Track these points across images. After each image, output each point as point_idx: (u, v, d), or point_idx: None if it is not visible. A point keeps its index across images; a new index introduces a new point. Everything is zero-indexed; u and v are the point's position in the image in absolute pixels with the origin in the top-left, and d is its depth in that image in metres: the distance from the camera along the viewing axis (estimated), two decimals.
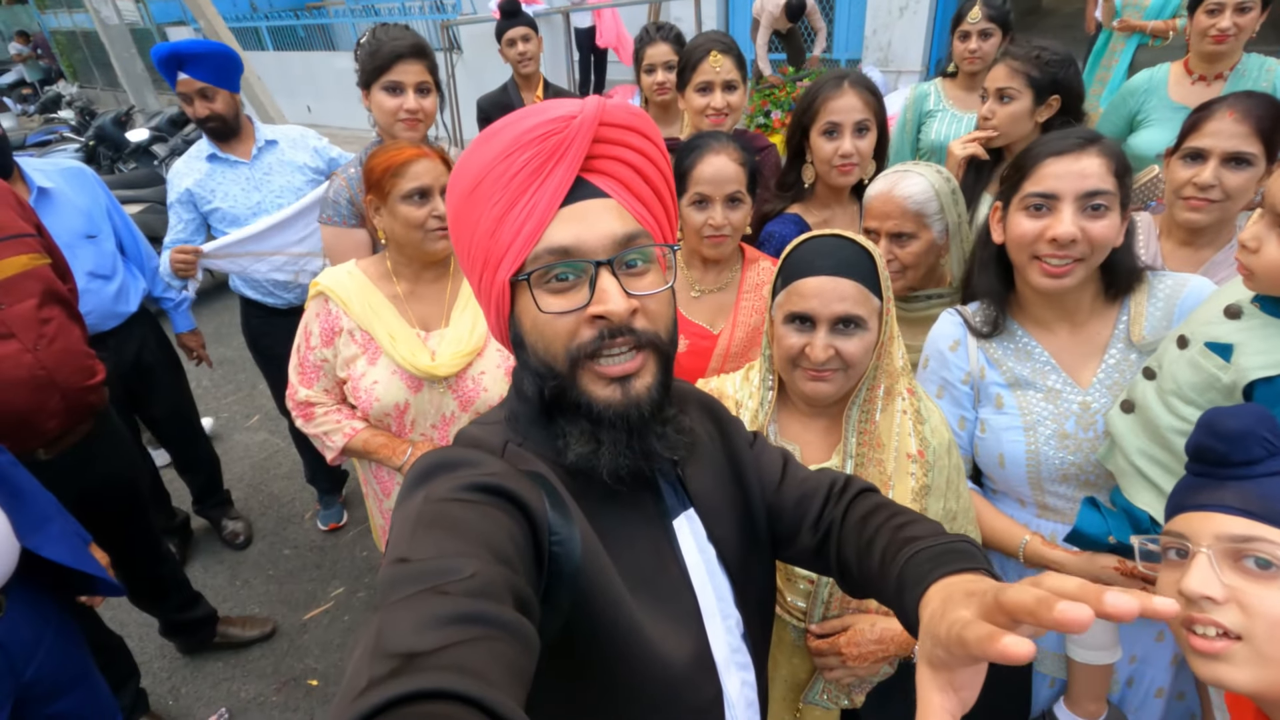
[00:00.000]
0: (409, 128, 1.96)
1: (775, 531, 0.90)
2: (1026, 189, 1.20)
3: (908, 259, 1.51)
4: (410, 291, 1.64)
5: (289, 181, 2.52)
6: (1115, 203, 1.16)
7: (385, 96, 1.94)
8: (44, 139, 7.11)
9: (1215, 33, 2.18)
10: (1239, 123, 1.41)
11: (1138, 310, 1.25)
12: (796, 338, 1.11)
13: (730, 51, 2.05)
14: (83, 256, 2.24)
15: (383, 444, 1.62)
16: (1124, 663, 1.36)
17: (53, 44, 14.17)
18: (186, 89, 2.33)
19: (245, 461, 3.60)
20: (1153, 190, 2.00)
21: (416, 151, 1.51)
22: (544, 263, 0.67)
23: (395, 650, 0.48)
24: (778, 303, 1.15)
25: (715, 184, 1.52)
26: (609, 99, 0.71)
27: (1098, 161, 1.15)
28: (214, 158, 2.45)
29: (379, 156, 1.53)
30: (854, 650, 1.12)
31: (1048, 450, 1.27)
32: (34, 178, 2.17)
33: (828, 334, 1.08)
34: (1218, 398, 1.08)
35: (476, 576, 0.54)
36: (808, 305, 1.09)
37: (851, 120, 1.68)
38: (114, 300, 2.35)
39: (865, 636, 1.12)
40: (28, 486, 1.54)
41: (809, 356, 1.10)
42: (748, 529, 0.87)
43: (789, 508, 0.88)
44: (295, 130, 2.65)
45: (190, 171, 2.44)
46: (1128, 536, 1.18)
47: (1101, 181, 1.14)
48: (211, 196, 2.43)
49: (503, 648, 0.51)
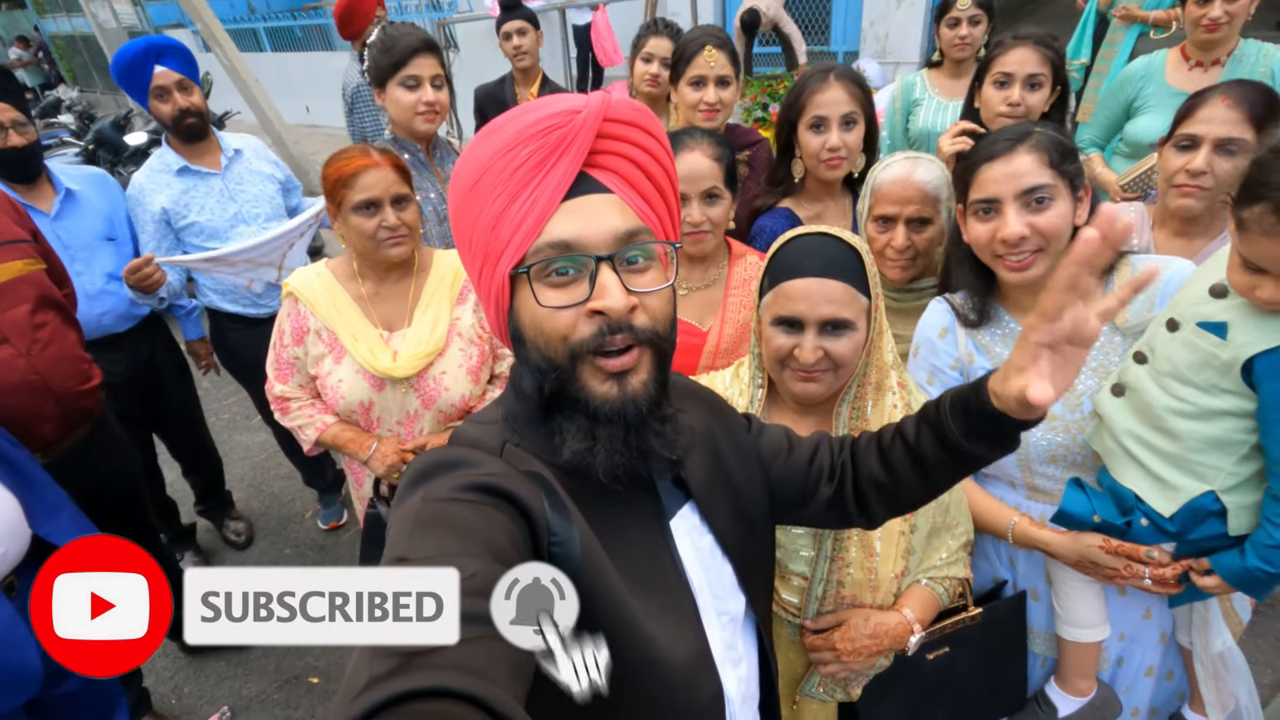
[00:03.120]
0: (427, 120, 2.02)
1: (788, 498, 0.91)
2: (972, 196, 1.25)
3: (923, 244, 1.51)
4: (375, 292, 1.67)
5: (262, 190, 2.49)
6: (1059, 191, 1.18)
7: (403, 92, 1.98)
8: (45, 143, 7.13)
9: (1207, 22, 2.17)
10: (1231, 109, 1.42)
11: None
12: (785, 339, 1.10)
13: (725, 47, 2.04)
14: (103, 258, 2.27)
15: (350, 439, 1.67)
16: (1114, 641, 1.38)
17: (52, 48, 14.20)
18: (165, 82, 2.26)
19: (246, 462, 3.62)
20: (1151, 179, 1.99)
21: (365, 161, 1.53)
22: (544, 256, 0.67)
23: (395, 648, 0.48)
24: (765, 304, 1.14)
25: (691, 181, 1.51)
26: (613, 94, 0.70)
27: (1029, 159, 1.17)
28: (186, 171, 2.36)
29: (331, 165, 1.56)
30: (848, 645, 1.13)
31: (1036, 432, 1.28)
32: (61, 180, 2.24)
33: (816, 336, 1.08)
34: (1214, 375, 1.11)
35: (477, 576, 0.54)
36: (795, 308, 1.08)
37: (838, 114, 1.67)
38: (129, 303, 2.35)
39: (859, 631, 1.13)
40: (40, 478, 1.58)
41: (797, 358, 1.09)
42: (749, 513, 0.88)
43: (801, 469, 0.91)
44: (251, 139, 2.61)
45: (160, 188, 2.33)
46: (1113, 515, 1.22)
47: (1037, 177, 1.17)
48: (187, 212, 2.35)
49: (503, 646, 0.51)
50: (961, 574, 1.23)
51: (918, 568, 1.21)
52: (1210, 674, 1.32)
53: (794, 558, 1.18)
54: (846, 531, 1.16)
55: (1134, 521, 1.21)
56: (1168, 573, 1.20)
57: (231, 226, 2.41)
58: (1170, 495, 1.17)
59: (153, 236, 2.37)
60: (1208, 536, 1.18)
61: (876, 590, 1.17)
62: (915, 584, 1.20)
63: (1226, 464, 1.13)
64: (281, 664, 2.47)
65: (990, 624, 1.30)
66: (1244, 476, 1.14)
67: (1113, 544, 1.22)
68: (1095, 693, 1.39)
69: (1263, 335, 1.06)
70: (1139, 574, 1.21)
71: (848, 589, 1.16)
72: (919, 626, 1.16)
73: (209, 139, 2.43)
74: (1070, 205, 1.19)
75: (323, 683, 2.40)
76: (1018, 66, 1.83)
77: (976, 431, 0.74)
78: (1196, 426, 1.14)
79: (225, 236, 2.40)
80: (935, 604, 1.20)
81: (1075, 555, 1.26)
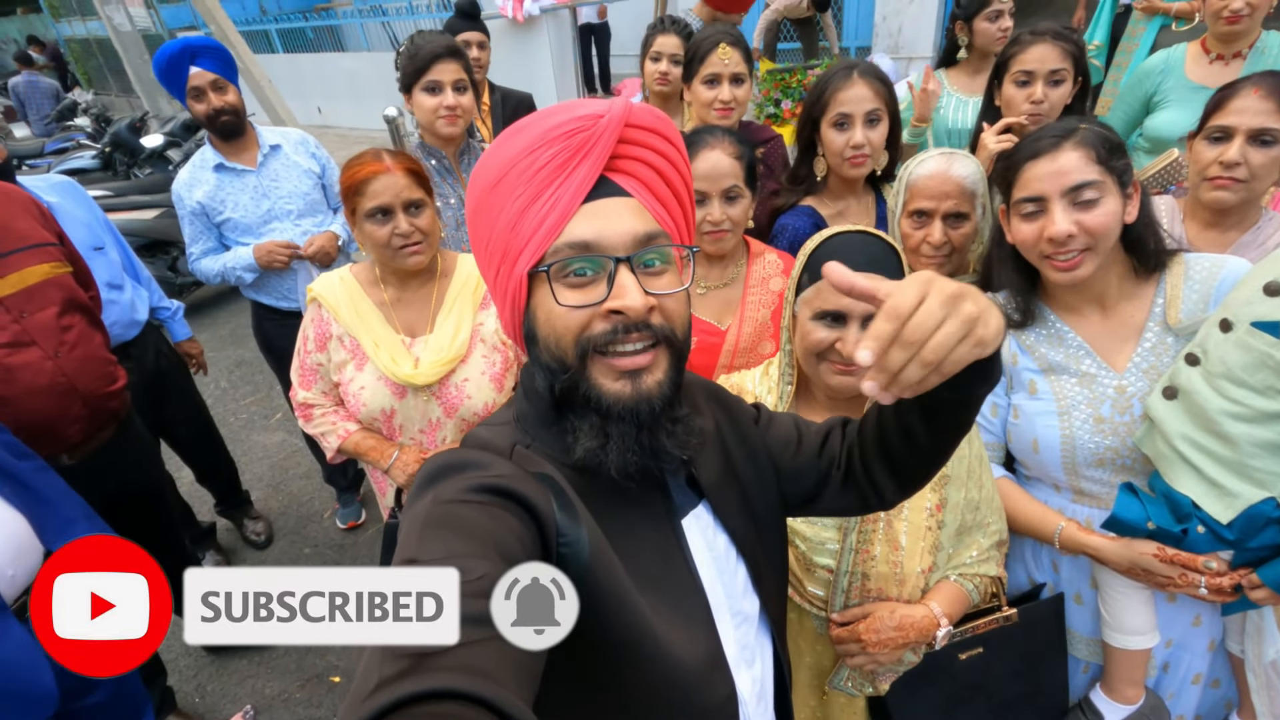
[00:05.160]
0: (449, 123, 2.08)
1: (801, 489, 0.91)
2: (1016, 195, 1.23)
3: (959, 240, 1.50)
4: (397, 298, 1.66)
5: (296, 186, 2.53)
6: (1107, 188, 1.16)
7: (426, 96, 2.05)
8: (61, 146, 7.22)
9: (1228, 14, 2.14)
10: (1265, 99, 1.39)
11: (1174, 293, 1.24)
12: (826, 333, 1.11)
13: (739, 44, 2.04)
14: (97, 269, 2.23)
15: (371, 447, 1.66)
16: (1160, 647, 1.35)
17: (67, 52, 14.34)
18: (200, 82, 2.32)
19: (265, 462, 3.65)
20: (1173, 174, 1.97)
21: (376, 167, 1.51)
22: (564, 256, 0.68)
23: (404, 650, 0.49)
24: (804, 298, 1.15)
25: (711, 179, 1.51)
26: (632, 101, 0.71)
27: (1075, 155, 1.15)
28: (221, 168, 2.43)
29: (345, 172, 1.55)
30: (874, 637, 1.13)
31: (1083, 435, 1.26)
32: (37, 195, 2.12)
33: (860, 329, 1.09)
34: (1270, 376, 1.08)
35: (485, 578, 0.54)
36: (840, 303, 1.09)
37: (862, 111, 1.66)
38: (130, 309, 2.36)
39: (885, 624, 1.14)
40: (54, 492, 1.56)
41: (840, 351, 1.10)
42: (760, 509, 0.88)
43: (812, 457, 0.90)
44: (295, 132, 2.66)
45: (198, 183, 2.42)
46: (1169, 522, 1.18)
47: (1083, 173, 1.15)
48: (222, 208, 2.44)
49: (511, 648, 0.52)
50: (994, 572, 1.23)
51: (947, 564, 1.21)
52: (1263, 683, 1.28)
53: (820, 550, 1.18)
54: (871, 524, 1.16)
55: (1190, 529, 1.17)
56: (1225, 582, 1.16)
57: (265, 223, 2.47)
58: (1228, 501, 1.14)
59: (191, 229, 2.46)
60: (1267, 545, 1.14)
61: (903, 584, 1.17)
62: (944, 580, 1.20)
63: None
64: (303, 662, 2.49)
65: (1027, 625, 1.28)
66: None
67: (1169, 553, 1.18)
68: (1144, 700, 1.36)
69: None
70: (1195, 583, 1.18)
71: (873, 582, 1.17)
72: (946, 620, 1.15)
73: (247, 135, 2.47)
74: (1119, 202, 1.17)
75: (344, 682, 2.41)
76: (1039, 64, 1.81)
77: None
78: (1252, 430, 1.10)
79: (258, 233, 2.47)
80: (964, 600, 1.20)
81: (1127, 562, 1.22)
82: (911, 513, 1.17)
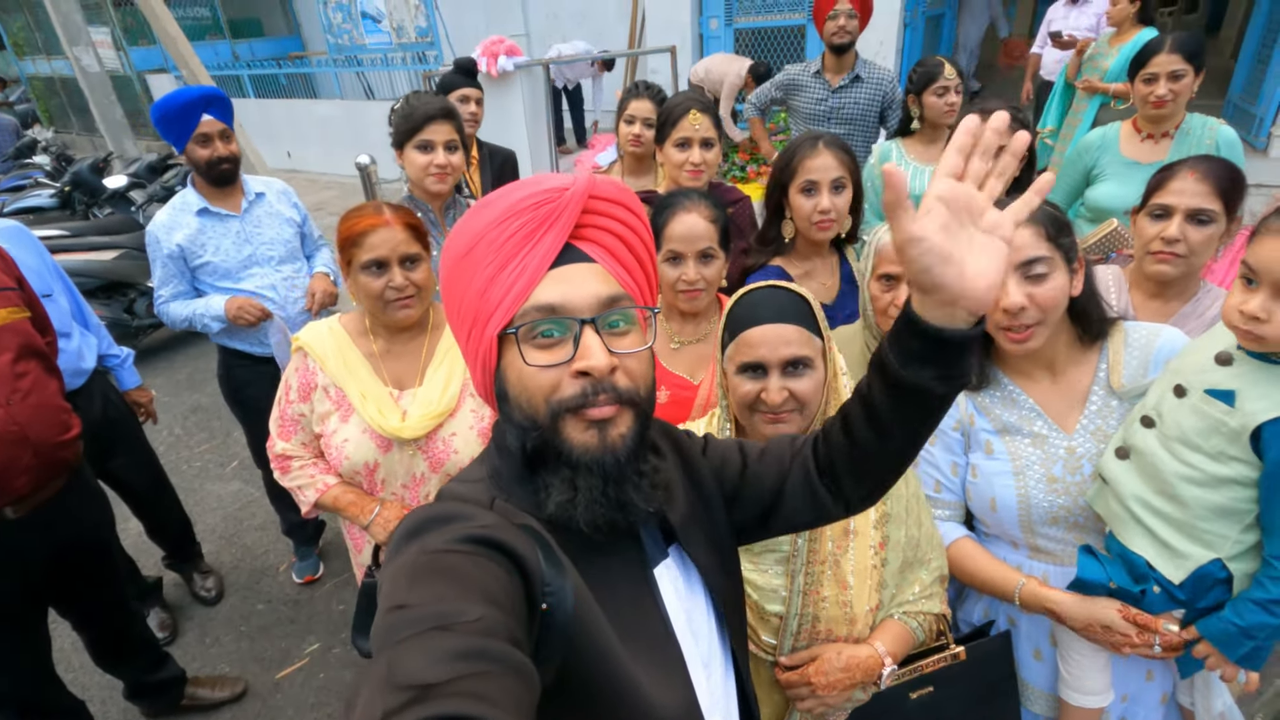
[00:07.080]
0: (439, 180, 2.17)
1: (755, 509, 0.91)
2: None
3: None
4: (386, 349, 1.64)
5: (278, 234, 2.54)
6: (1055, 264, 1.22)
7: (418, 154, 2.15)
8: (18, 184, 7.03)
9: (1154, 99, 2.33)
10: (1199, 182, 1.50)
11: (1115, 358, 1.30)
12: (751, 385, 1.16)
13: (708, 110, 2.15)
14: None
15: (351, 502, 1.62)
16: (1115, 702, 1.38)
17: (29, 90, 14.12)
18: (210, 130, 2.36)
19: (218, 512, 3.51)
20: (1113, 243, 2.10)
21: (375, 220, 1.52)
22: (531, 318, 0.71)
23: (408, 682, 0.48)
24: (728, 355, 1.20)
25: (687, 241, 1.57)
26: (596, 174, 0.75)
27: (1027, 232, 1.21)
28: (205, 212, 2.42)
29: (344, 222, 1.56)
30: (822, 679, 1.15)
31: (1037, 494, 1.31)
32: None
33: (780, 377, 1.14)
34: (1223, 442, 1.12)
35: (483, 620, 0.55)
36: (757, 354, 1.14)
37: (828, 178, 1.75)
38: (77, 357, 2.29)
39: (832, 665, 1.15)
40: None
41: (765, 401, 1.14)
42: (715, 541, 0.90)
43: (768, 477, 0.90)
44: (276, 183, 2.68)
45: (179, 226, 2.41)
46: (1127, 582, 1.22)
47: (1034, 249, 1.20)
48: (202, 251, 2.42)
49: (511, 684, 0.52)
50: (937, 609, 1.25)
51: (891, 602, 1.23)
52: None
53: (771, 598, 1.19)
54: (819, 566, 1.17)
55: (1147, 589, 1.20)
56: (1176, 640, 1.20)
57: (245, 268, 2.47)
58: (1179, 562, 1.18)
59: (163, 272, 2.42)
60: (1214, 606, 1.18)
61: (854, 624, 1.18)
62: (889, 618, 1.22)
63: (1233, 532, 1.14)
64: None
65: (974, 664, 1.29)
66: (1248, 545, 1.15)
67: (1131, 612, 1.22)
68: None
69: (1272, 402, 1.07)
70: (1149, 643, 1.21)
71: (823, 624, 1.18)
72: (890, 660, 1.17)
73: (235, 182, 2.49)
74: (1066, 277, 1.23)
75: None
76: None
77: (910, 352, 0.70)
78: (1204, 494, 1.14)
79: (237, 277, 2.46)
80: (908, 639, 1.22)
81: (1085, 619, 1.25)
82: (857, 552, 1.19)
